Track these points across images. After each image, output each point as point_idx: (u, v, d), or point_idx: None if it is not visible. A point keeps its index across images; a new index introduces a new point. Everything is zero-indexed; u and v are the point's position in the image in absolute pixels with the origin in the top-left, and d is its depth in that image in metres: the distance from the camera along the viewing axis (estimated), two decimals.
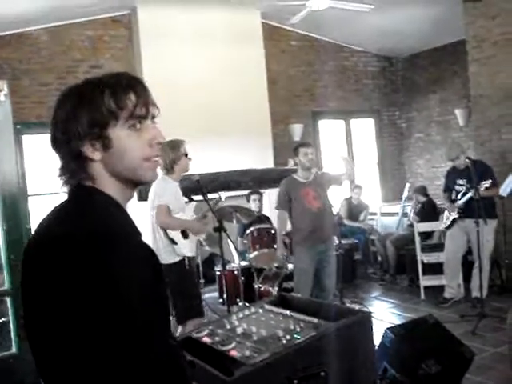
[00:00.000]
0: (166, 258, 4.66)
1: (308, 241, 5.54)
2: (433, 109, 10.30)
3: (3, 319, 3.20)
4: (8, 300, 3.13)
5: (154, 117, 1.47)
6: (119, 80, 1.42)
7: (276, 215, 5.85)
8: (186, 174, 5.01)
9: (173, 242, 4.70)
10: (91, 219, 1.33)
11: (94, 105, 1.38)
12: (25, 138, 7.43)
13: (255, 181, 8.00)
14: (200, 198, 5.05)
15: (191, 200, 5.09)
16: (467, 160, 6.27)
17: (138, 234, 1.42)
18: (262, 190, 7.58)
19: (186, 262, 4.76)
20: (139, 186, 1.50)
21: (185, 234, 4.78)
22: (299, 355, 2.38)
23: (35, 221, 6.76)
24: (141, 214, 4.64)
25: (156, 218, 4.65)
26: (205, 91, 7.87)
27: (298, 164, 5.69)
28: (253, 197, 7.27)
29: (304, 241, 5.55)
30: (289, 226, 5.86)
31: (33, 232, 1.49)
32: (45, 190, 7.16)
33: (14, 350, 3.16)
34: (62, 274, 1.26)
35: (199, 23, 8.03)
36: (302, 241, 5.58)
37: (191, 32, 7.97)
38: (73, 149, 1.39)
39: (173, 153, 4.79)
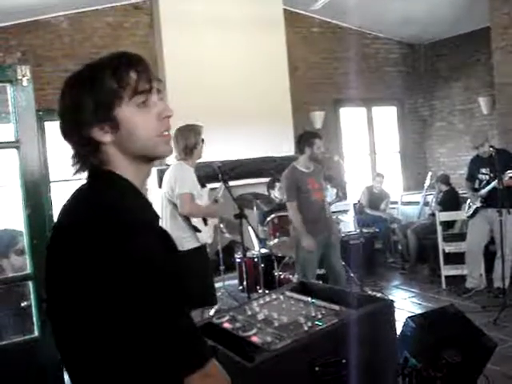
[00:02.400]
0: (188, 246, 4.61)
1: (312, 231, 5.49)
2: (456, 97, 10.17)
3: (26, 303, 3.23)
4: (30, 284, 3.15)
5: (159, 91, 1.46)
6: (119, 59, 1.41)
7: (290, 207, 5.59)
8: (207, 160, 4.98)
9: (196, 229, 4.64)
10: (107, 206, 1.35)
11: (96, 87, 1.38)
12: (47, 124, 7.46)
13: (276, 168, 7.98)
14: (215, 185, 5.04)
15: (204, 186, 5.05)
16: (491, 149, 6.19)
17: (154, 217, 1.44)
18: None
19: (208, 249, 4.76)
20: (154, 160, 1.50)
21: (205, 221, 4.77)
22: (321, 342, 2.37)
23: (57, 207, 6.82)
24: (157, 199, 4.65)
25: (181, 207, 4.50)
26: (225, 78, 7.84)
27: (305, 153, 5.59)
28: (279, 184, 7.21)
29: (309, 231, 5.50)
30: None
31: (56, 217, 1.51)
32: (66, 176, 7.20)
33: (36, 333, 3.18)
34: (82, 261, 1.28)
35: (220, 9, 7.98)
36: (307, 230, 5.55)
37: (212, 18, 7.93)
38: (82, 135, 1.40)
39: (194, 137, 4.65)
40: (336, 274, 5.63)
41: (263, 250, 6.50)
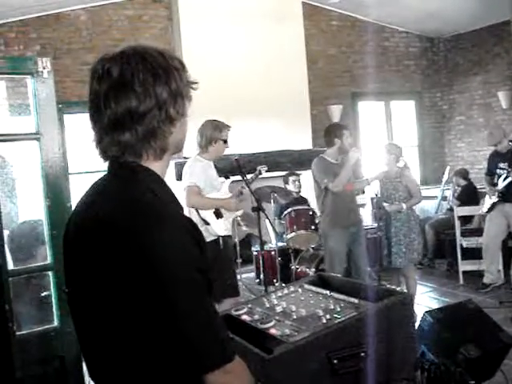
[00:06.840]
0: None
1: (341, 223, 5.48)
2: (475, 91, 10.09)
3: (45, 293, 3.26)
4: (50, 274, 3.18)
5: None
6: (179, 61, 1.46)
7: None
8: (225, 153, 4.99)
9: (205, 222, 4.68)
10: (136, 198, 1.34)
11: (179, 78, 1.42)
12: (66, 117, 7.50)
13: (293, 162, 7.98)
14: (237, 177, 5.03)
15: (227, 178, 5.06)
16: (510, 143, 6.14)
17: (181, 209, 1.44)
18: (299, 172, 7.52)
19: (221, 241, 4.75)
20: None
21: (218, 214, 4.76)
22: (339, 335, 2.37)
23: (75, 199, 6.87)
24: (177, 193, 4.67)
25: (186, 199, 4.61)
26: (243, 71, 7.84)
27: (335, 145, 5.55)
28: (292, 178, 7.22)
29: (337, 223, 5.49)
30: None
31: (74, 208, 1.50)
32: (84, 168, 7.26)
33: (55, 323, 3.22)
34: (111, 255, 1.28)
35: (239, 2, 7.99)
36: (335, 222, 5.51)
37: (231, 11, 7.94)
38: (150, 123, 1.37)
39: (213, 132, 4.76)
40: (357, 269, 5.57)
41: (280, 244, 6.50)
